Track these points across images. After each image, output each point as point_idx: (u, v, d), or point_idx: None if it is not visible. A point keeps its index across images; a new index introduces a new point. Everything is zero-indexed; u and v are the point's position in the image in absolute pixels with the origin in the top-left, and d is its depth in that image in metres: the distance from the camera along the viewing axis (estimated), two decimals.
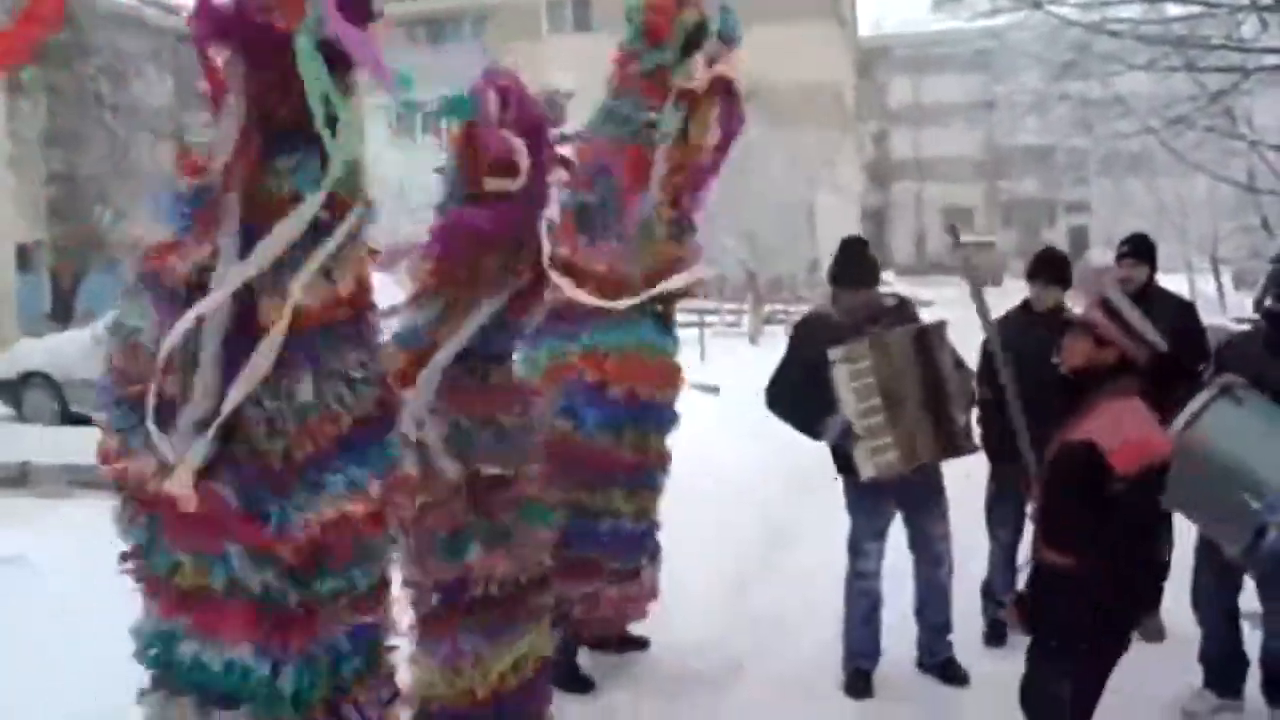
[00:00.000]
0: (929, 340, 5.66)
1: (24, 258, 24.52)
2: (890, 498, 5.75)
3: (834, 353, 5.45)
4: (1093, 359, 3.95)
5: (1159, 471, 3.85)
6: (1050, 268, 6.32)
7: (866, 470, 5.51)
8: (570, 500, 5.21)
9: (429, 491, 4.21)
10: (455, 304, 4.20)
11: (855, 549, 5.87)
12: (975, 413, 5.90)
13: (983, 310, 5.26)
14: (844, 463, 5.73)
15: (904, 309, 5.98)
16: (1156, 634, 6.08)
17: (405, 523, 4.18)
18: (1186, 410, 4.76)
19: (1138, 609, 4.27)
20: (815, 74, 37.67)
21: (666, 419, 5.70)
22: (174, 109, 30.96)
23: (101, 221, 26.04)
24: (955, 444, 5.70)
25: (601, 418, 5.41)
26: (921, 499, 5.79)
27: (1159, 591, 6.12)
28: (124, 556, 3.16)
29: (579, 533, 5.32)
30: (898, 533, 5.96)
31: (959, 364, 5.78)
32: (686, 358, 6.11)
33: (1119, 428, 3.78)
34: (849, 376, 5.43)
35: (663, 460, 5.75)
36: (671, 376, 5.67)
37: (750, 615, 6.95)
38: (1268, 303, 5.17)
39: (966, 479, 6.22)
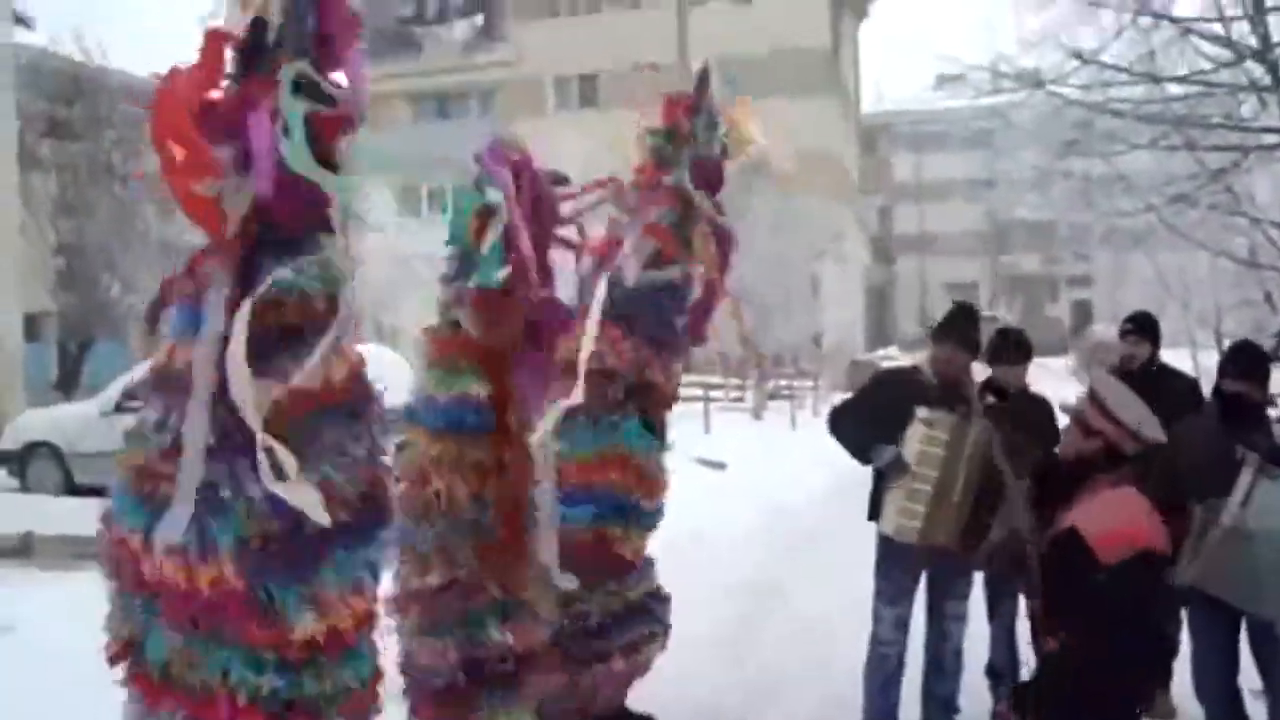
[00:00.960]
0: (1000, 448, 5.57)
1: (31, 327, 24.62)
2: (912, 567, 5.72)
3: (923, 412, 5.47)
4: (1080, 449, 3.94)
5: (1155, 558, 3.81)
6: (1015, 348, 6.32)
7: (886, 524, 5.54)
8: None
9: (448, 569, 4.21)
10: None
11: (873, 613, 5.84)
12: None
13: None
14: (877, 510, 5.73)
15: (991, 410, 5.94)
16: (1168, 714, 6.01)
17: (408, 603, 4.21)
18: (1234, 496, 4.66)
19: (1143, 692, 4.20)
20: (818, 147, 38.02)
21: (645, 519, 5.68)
22: None
23: (110, 292, 26.20)
24: (974, 544, 5.59)
25: (580, 514, 5.39)
26: (947, 574, 5.75)
27: (1168, 671, 6.06)
28: (116, 655, 3.14)
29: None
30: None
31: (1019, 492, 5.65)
32: (691, 432, 6.12)
33: (1106, 516, 3.76)
34: (921, 439, 5.45)
35: (637, 559, 5.70)
36: (653, 483, 5.66)
37: (747, 676, 6.96)
38: (1223, 382, 5.17)
39: None
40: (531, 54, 41.30)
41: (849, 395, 6.16)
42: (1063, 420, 5.16)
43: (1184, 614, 5.79)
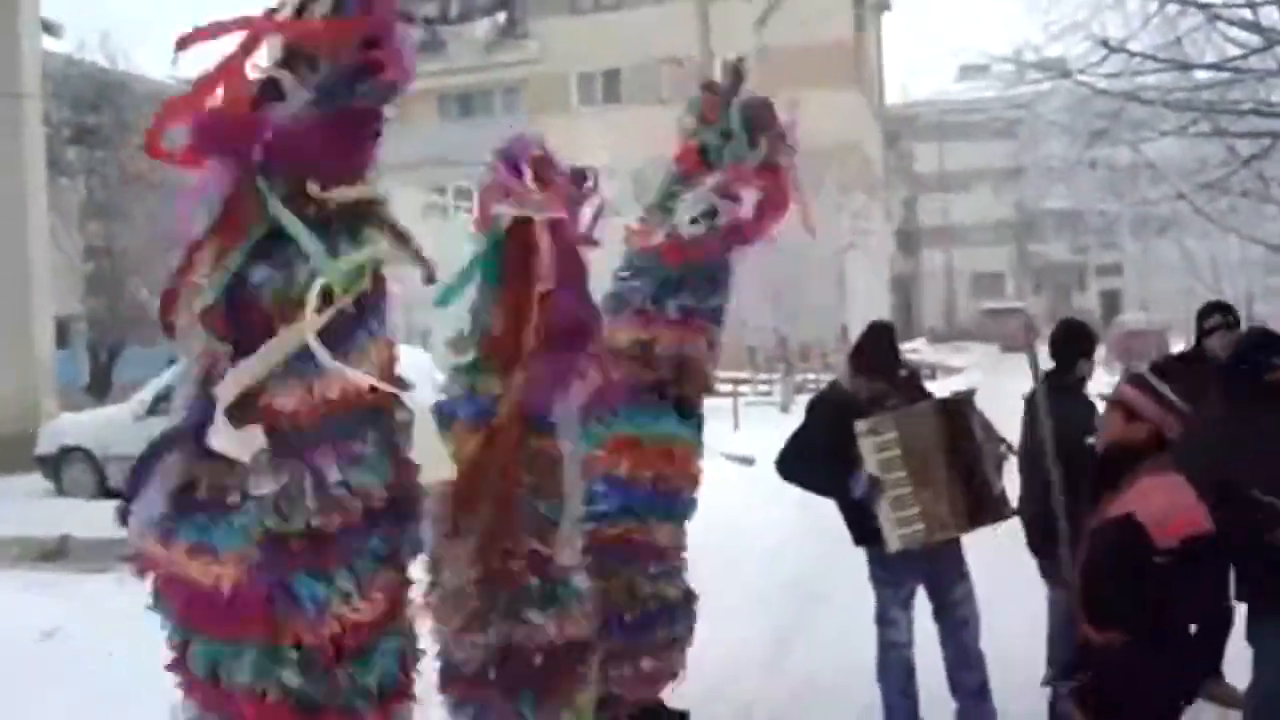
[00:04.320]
0: (955, 410, 5.65)
1: (62, 332, 24.81)
2: (912, 566, 5.71)
3: (859, 425, 5.45)
4: (1125, 435, 3.88)
5: (1205, 542, 3.75)
6: (1081, 339, 6.25)
7: (893, 543, 5.47)
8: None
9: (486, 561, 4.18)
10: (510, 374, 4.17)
11: (884, 619, 5.83)
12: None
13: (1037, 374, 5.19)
14: (862, 534, 5.71)
15: (913, 379, 5.99)
16: (1235, 702, 5.85)
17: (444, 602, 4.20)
18: None
19: (1191, 682, 4.14)
20: (843, 140, 37.89)
21: (680, 507, 5.63)
22: None
23: (139, 296, 26.38)
24: (987, 510, 5.66)
25: (620, 503, 5.38)
26: (940, 562, 5.74)
27: (1218, 656, 5.94)
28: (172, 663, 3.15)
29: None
30: (925, 598, 5.91)
31: (989, 431, 5.75)
32: (719, 428, 6.07)
33: (1158, 501, 3.71)
34: (874, 449, 5.42)
35: (677, 548, 5.67)
36: (688, 467, 5.61)
37: (786, 681, 6.89)
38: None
39: (995, 536, 6.07)
40: (555, 51, 41.31)
41: (790, 437, 5.97)
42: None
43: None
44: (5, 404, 16.61)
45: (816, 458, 5.68)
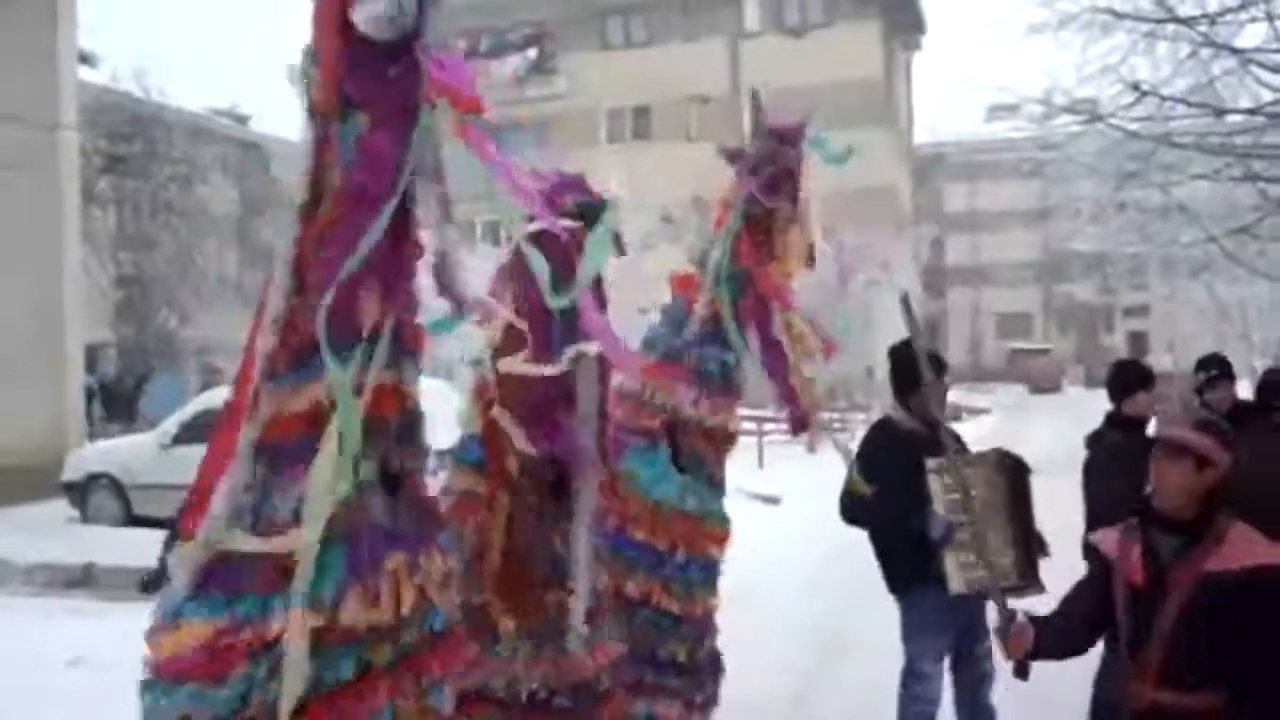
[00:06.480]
0: (1018, 473, 5.55)
1: (91, 359, 24.98)
2: (950, 618, 5.58)
3: (930, 462, 5.32)
4: (1193, 484, 3.59)
5: None
6: (1136, 375, 6.12)
7: (956, 584, 5.30)
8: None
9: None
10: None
11: (916, 672, 5.66)
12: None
13: None
14: (906, 579, 5.60)
15: (960, 442, 5.82)
16: None
17: None
18: None
19: None
20: (870, 179, 37.89)
21: (696, 575, 5.15)
22: (239, 215, 31.71)
23: (168, 325, 26.58)
24: (1031, 579, 5.52)
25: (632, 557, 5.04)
26: (970, 616, 5.62)
27: None
28: None
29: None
30: None
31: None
32: (744, 466, 5.96)
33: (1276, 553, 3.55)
34: (942, 489, 5.31)
35: (706, 615, 5.26)
36: (703, 538, 5.16)
37: None
38: None
39: None
40: (584, 87, 41.50)
41: (847, 480, 5.57)
42: None
43: None
44: (34, 432, 16.69)
45: (883, 494, 5.39)
